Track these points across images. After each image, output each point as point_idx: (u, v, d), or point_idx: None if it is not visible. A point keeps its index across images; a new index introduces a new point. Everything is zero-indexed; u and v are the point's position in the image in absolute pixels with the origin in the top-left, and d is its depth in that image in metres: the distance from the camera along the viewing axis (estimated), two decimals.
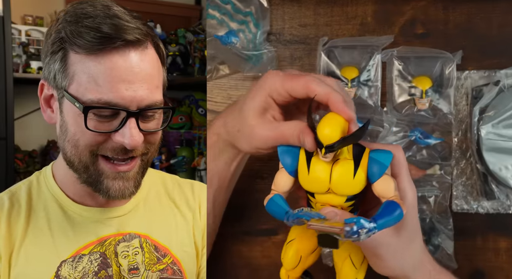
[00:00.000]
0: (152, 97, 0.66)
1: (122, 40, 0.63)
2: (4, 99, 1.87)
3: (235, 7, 0.71)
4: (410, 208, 0.53)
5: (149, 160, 0.72)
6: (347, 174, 0.51)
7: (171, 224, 0.80)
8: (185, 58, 2.22)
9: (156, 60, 0.69)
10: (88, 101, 0.63)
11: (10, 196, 0.73)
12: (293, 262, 0.57)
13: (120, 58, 0.63)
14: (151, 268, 0.74)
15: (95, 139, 0.65)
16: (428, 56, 0.69)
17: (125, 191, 0.69)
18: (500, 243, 0.70)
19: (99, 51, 0.63)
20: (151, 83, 0.66)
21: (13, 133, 1.91)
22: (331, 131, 0.49)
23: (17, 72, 2.16)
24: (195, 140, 2.26)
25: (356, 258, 0.56)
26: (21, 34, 2.31)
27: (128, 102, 0.64)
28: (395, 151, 0.53)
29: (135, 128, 0.65)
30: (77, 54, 0.64)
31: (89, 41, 0.63)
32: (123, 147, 0.66)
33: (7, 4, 1.87)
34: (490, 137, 0.66)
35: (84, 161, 0.67)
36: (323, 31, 0.71)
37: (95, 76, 0.63)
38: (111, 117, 0.65)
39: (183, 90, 2.41)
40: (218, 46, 0.70)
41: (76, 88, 0.64)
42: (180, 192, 0.85)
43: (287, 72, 0.58)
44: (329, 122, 0.50)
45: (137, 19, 0.66)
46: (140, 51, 0.65)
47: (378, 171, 0.51)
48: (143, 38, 0.65)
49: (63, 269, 0.69)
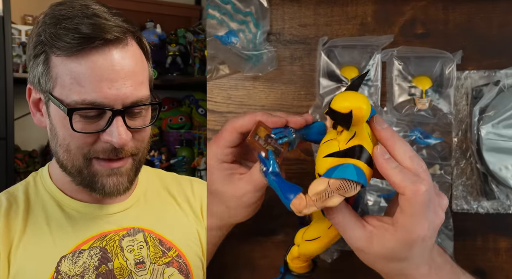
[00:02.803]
0: (137, 94, 0.66)
1: (101, 39, 0.63)
2: (4, 99, 1.86)
3: (235, 7, 0.71)
4: (402, 242, 0.51)
5: (141, 159, 0.72)
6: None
7: (174, 218, 0.80)
8: (185, 58, 2.22)
9: (139, 55, 0.69)
10: (72, 103, 0.63)
11: (8, 196, 0.74)
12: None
13: (100, 57, 0.63)
14: (157, 262, 0.74)
15: (84, 141, 0.65)
16: (428, 56, 0.69)
17: (119, 186, 0.69)
18: (500, 243, 0.70)
19: (78, 52, 0.63)
20: (135, 79, 0.66)
21: (13, 133, 1.90)
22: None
23: (17, 72, 2.16)
24: (195, 140, 2.26)
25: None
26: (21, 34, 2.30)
27: (112, 101, 0.64)
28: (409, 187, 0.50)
29: (122, 126, 0.65)
30: (58, 57, 0.64)
31: (68, 42, 0.62)
32: (113, 147, 0.66)
33: (7, 4, 1.86)
34: (490, 137, 0.66)
35: (77, 165, 0.68)
36: (323, 31, 0.71)
37: (77, 77, 0.63)
38: (97, 118, 0.65)
39: (183, 90, 2.40)
40: (218, 46, 0.70)
41: (60, 90, 0.64)
42: (179, 188, 0.85)
43: (217, 135, 0.61)
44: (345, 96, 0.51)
45: (117, 16, 0.66)
46: (120, 49, 0.65)
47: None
48: (122, 36, 0.65)
49: (63, 264, 0.69)
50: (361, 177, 0.49)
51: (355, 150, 0.50)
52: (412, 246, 0.51)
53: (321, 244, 0.58)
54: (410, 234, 0.50)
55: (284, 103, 0.72)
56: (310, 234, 0.58)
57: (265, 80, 0.72)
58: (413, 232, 0.50)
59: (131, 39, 0.67)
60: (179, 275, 0.75)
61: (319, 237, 0.57)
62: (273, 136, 0.56)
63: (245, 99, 0.73)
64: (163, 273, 0.74)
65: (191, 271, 0.77)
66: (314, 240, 0.58)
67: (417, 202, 0.49)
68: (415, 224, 0.50)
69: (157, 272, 0.74)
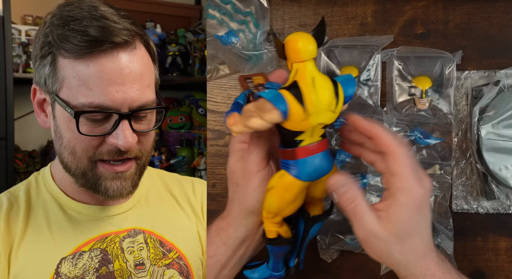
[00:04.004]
0: (144, 98, 0.66)
1: (110, 42, 0.62)
2: (4, 99, 1.87)
3: (235, 7, 0.71)
4: (407, 207, 0.52)
5: (145, 163, 0.73)
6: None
7: (175, 219, 0.80)
8: (185, 58, 2.22)
9: (146, 58, 0.69)
10: (79, 105, 0.63)
11: (9, 197, 0.73)
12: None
13: (108, 60, 0.63)
14: (157, 263, 0.74)
15: (90, 143, 0.65)
16: (428, 56, 0.69)
17: (123, 190, 0.69)
18: (500, 243, 0.70)
19: (87, 55, 0.63)
20: (142, 83, 0.66)
21: (13, 133, 1.91)
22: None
23: (17, 72, 2.16)
24: (195, 140, 2.26)
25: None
26: (21, 34, 2.31)
27: (119, 104, 0.64)
28: (397, 147, 0.53)
29: (128, 130, 0.65)
30: (66, 59, 0.64)
31: (76, 45, 0.62)
32: (118, 149, 0.66)
33: (7, 4, 1.87)
34: (490, 137, 0.66)
35: (82, 167, 0.68)
36: None
37: (85, 80, 0.63)
38: (103, 121, 0.65)
39: (183, 90, 2.40)
40: (218, 46, 0.70)
41: (67, 92, 0.64)
42: (180, 189, 0.85)
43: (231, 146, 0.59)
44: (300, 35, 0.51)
45: (125, 19, 0.66)
46: (128, 52, 0.65)
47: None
48: (130, 39, 0.65)
49: (63, 266, 0.69)
50: (280, 101, 0.49)
51: (290, 84, 0.51)
52: (418, 209, 0.52)
53: (276, 195, 0.54)
54: (411, 194, 0.52)
55: None
56: (269, 183, 0.56)
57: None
58: (413, 190, 0.52)
59: (139, 42, 0.67)
60: (180, 276, 0.75)
61: (273, 187, 0.55)
62: (265, 85, 0.55)
63: None
64: (163, 274, 0.74)
65: (191, 273, 0.76)
66: (269, 191, 0.55)
67: (407, 161, 0.52)
68: (411, 182, 0.52)
69: (157, 273, 0.73)
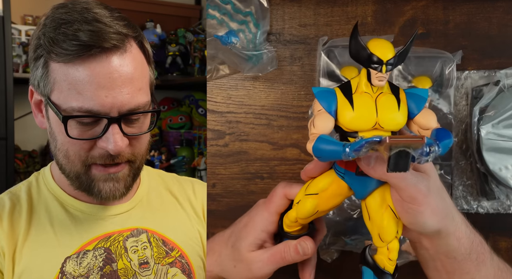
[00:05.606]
0: (134, 102, 0.65)
1: (98, 47, 0.62)
2: (4, 99, 1.87)
3: (235, 7, 0.71)
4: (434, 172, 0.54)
5: (139, 165, 0.72)
6: (392, 106, 0.51)
7: (176, 219, 0.80)
8: (185, 58, 2.22)
9: (140, 60, 0.68)
10: (69, 109, 0.63)
11: (10, 196, 0.74)
12: (309, 215, 0.57)
13: (97, 64, 0.63)
14: (161, 262, 0.74)
15: (81, 147, 0.65)
16: (428, 56, 0.69)
17: (115, 192, 0.69)
18: (500, 243, 0.70)
19: (76, 59, 0.62)
20: (133, 86, 0.65)
21: (13, 133, 1.91)
22: (388, 47, 0.50)
23: (17, 72, 2.16)
24: (195, 140, 2.26)
25: (393, 208, 0.54)
26: (21, 34, 2.31)
27: (108, 109, 0.63)
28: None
29: (118, 134, 0.64)
30: (56, 63, 0.64)
31: (66, 49, 0.62)
32: (109, 153, 0.65)
33: (7, 4, 1.87)
34: (490, 137, 0.66)
35: (76, 170, 0.68)
36: (323, 31, 0.71)
37: (74, 84, 0.63)
38: (93, 124, 0.65)
39: (183, 90, 2.40)
40: (218, 46, 0.70)
41: (57, 95, 0.64)
42: (180, 189, 0.85)
43: (267, 199, 0.60)
44: (381, 42, 0.51)
45: (119, 21, 0.65)
46: (118, 56, 0.64)
47: (418, 103, 0.52)
48: (120, 44, 0.64)
49: (68, 265, 0.69)
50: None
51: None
52: (441, 189, 0.54)
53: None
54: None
55: (284, 103, 0.72)
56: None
57: (265, 80, 0.72)
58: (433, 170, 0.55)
59: (131, 44, 0.66)
60: (182, 275, 0.75)
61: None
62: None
63: (245, 99, 0.73)
64: (167, 273, 0.74)
65: (193, 271, 0.77)
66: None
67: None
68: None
69: (161, 272, 0.74)
